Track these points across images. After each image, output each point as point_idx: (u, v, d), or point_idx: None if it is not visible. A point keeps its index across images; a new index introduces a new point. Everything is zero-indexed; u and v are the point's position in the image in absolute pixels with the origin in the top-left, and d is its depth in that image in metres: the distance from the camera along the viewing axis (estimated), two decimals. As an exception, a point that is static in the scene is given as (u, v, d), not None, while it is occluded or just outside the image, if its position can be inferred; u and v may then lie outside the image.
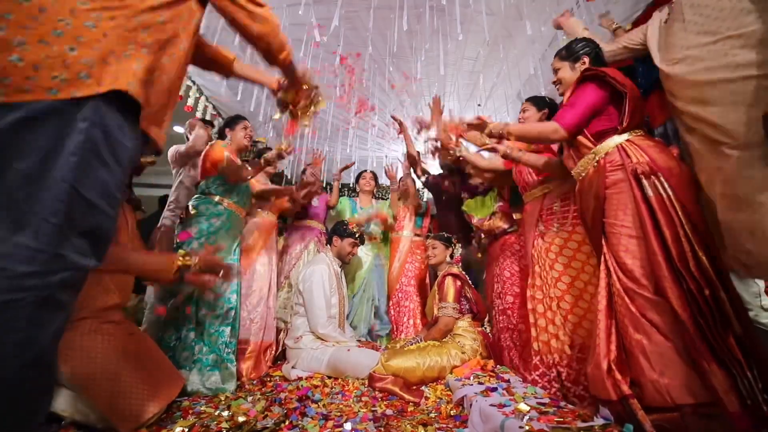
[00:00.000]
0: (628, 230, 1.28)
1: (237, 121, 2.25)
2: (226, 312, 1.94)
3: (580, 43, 1.56)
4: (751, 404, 1.02)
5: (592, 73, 1.42)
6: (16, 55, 0.62)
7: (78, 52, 0.66)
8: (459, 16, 2.61)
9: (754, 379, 1.03)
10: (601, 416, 1.22)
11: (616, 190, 1.34)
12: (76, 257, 0.64)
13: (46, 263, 0.60)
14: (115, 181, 0.71)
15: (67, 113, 0.64)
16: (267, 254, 2.47)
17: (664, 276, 1.17)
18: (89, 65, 0.67)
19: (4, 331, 0.57)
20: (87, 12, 0.69)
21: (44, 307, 0.61)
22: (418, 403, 1.69)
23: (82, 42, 0.67)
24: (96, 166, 0.66)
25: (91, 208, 0.66)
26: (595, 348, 1.29)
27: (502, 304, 2.21)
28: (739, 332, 1.07)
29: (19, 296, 0.58)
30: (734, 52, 1.05)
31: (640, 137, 1.36)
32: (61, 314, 0.64)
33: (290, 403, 1.61)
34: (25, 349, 0.59)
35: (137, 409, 1.31)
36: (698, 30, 1.15)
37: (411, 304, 3.00)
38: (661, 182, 1.24)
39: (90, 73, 0.67)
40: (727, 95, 1.06)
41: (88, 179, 0.65)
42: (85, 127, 0.64)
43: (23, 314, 0.58)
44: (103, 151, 0.67)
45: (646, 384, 1.17)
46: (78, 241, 0.65)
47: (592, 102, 1.39)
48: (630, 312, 1.23)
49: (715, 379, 1.06)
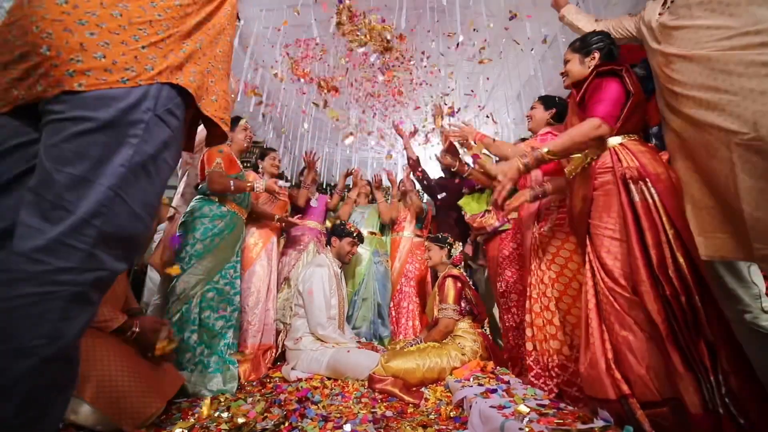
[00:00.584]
0: (611, 232, 1.31)
1: (237, 121, 2.25)
2: (229, 314, 1.95)
3: (594, 36, 1.55)
4: (711, 407, 1.06)
5: (609, 69, 1.40)
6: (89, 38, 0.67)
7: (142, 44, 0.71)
8: (459, 16, 2.61)
9: (717, 384, 1.07)
10: (600, 418, 1.22)
11: (603, 192, 1.36)
12: (110, 260, 0.68)
13: (83, 261, 0.64)
14: (155, 193, 0.76)
15: (121, 123, 0.68)
16: (266, 255, 2.47)
17: (642, 281, 1.20)
18: (152, 59, 0.71)
19: (36, 322, 0.60)
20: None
21: (76, 302, 0.64)
22: (417, 404, 1.69)
23: (144, 35, 0.72)
24: (141, 178, 0.71)
25: (132, 216, 0.71)
26: (589, 347, 1.30)
27: (507, 303, 2.22)
28: (710, 339, 1.10)
29: (55, 289, 0.61)
30: (754, 47, 1.01)
31: (634, 141, 1.36)
32: (89, 311, 0.67)
33: (290, 405, 1.61)
34: (52, 341, 0.61)
35: (138, 407, 1.31)
36: (710, 24, 1.11)
37: (410, 305, 3.00)
38: (648, 188, 1.25)
39: (153, 65, 0.71)
40: (749, 84, 1.02)
41: (132, 189, 0.70)
42: (136, 142, 0.69)
43: (56, 306, 0.61)
44: (149, 166, 0.72)
45: (635, 380, 1.18)
46: (114, 245, 0.69)
47: (617, 96, 1.36)
48: (615, 310, 1.25)
49: (681, 381, 1.10)
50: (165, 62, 0.74)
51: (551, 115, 2.03)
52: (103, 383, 1.28)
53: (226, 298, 1.96)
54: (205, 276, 1.92)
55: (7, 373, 0.57)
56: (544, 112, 2.05)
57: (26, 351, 0.59)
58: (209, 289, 1.93)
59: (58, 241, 0.62)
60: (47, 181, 0.63)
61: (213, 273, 1.95)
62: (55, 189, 0.63)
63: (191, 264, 1.90)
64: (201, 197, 2.11)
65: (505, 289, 2.24)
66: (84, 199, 0.64)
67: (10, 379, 0.57)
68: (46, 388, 0.62)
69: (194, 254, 1.92)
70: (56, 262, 0.62)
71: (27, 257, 0.60)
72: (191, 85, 0.78)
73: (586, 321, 1.34)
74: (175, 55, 0.77)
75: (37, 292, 0.60)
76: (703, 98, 1.12)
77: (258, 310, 2.30)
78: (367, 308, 2.93)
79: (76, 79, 0.66)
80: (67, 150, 0.65)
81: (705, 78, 1.11)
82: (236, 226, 2.12)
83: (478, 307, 2.36)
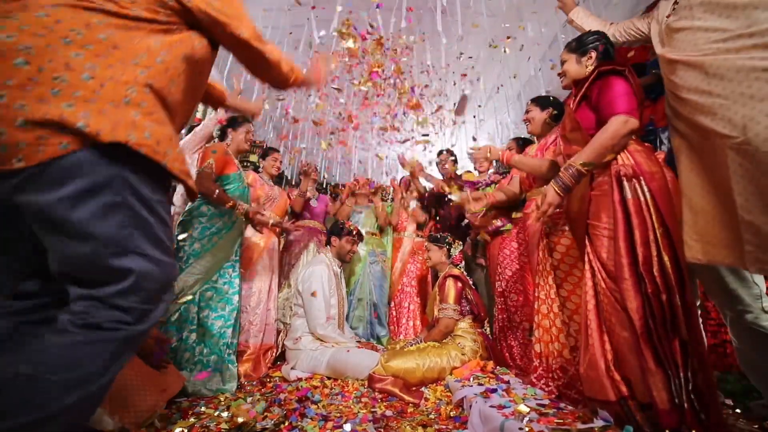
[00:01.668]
0: (609, 232, 1.31)
1: (242, 123, 2.24)
2: (228, 313, 1.94)
3: (590, 36, 1.54)
4: (678, 402, 1.11)
5: (611, 69, 1.39)
6: (21, 119, 0.62)
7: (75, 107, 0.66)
8: (460, 17, 2.61)
9: (686, 380, 1.11)
10: (600, 418, 1.22)
11: (599, 192, 1.36)
12: (155, 306, 0.74)
13: (137, 314, 0.71)
14: (162, 231, 0.77)
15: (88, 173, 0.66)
16: (268, 255, 2.46)
17: (625, 278, 1.21)
18: (86, 117, 0.66)
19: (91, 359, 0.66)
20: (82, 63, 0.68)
21: (126, 345, 0.71)
22: (417, 404, 1.69)
23: (78, 97, 0.66)
24: (139, 221, 0.72)
25: (154, 262, 0.73)
26: (588, 348, 1.30)
27: (505, 303, 2.21)
28: (685, 337, 1.13)
29: (113, 335, 0.68)
30: (747, 50, 1.02)
31: (631, 141, 1.35)
32: (129, 355, 0.74)
33: (290, 404, 1.60)
34: (94, 378, 0.66)
35: (139, 405, 1.31)
36: (708, 27, 1.12)
37: (411, 305, 3.00)
38: (641, 185, 1.26)
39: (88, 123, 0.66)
40: (738, 88, 1.03)
41: (144, 241, 0.72)
42: (112, 191, 0.69)
43: (110, 348, 0.68)
44: (136, 208, 0.72)
45: (636, 381, 1.18)
46: (155, 293, 0.73)
47: (629, 91, 1.35)
48: (617, 311, 1.25)
49: (651, 378, 1.14)
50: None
51: (549, 114, 2.02)
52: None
53: (224, 298, 1.95)
54: (203, 275, 1.91)
55: (58, 401, 0.62)
56: (542, 112, 2.04)
57: (78, 383, 0.64)
58: (208, 288, 1.92)
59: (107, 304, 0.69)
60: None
61: (211, 272, 1.94)
62: (79, 262, 0.70)
63: (189, 263, 1.89)
64: (199, 197, 2.10)
65: (504, 288, 2.24)
66: (104, 267, 0.69)
67: (59, 408, 0.62)
68: (75, 424, 0.66)
69: (192, 253, 1.91)
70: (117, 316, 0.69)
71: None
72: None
73: (585, 322, 1.33)
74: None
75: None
76: (698, 102, 1.13)
77: (259, 310, 2.30)
78: (362, 309, 2.93)
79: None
80: (61, 222, 0.69)
81: (700, 82, 1.12)
82: (235, 226, 2.11)
83: (478, 307, 2.36)
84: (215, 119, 2.32)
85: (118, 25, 0.73)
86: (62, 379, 0.62)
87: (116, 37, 0.72)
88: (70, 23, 0.68)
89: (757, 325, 1.23)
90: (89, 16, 0.70)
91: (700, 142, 1.17)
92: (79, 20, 0.69)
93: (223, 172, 2.08)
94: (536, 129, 2.08)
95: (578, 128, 1.44)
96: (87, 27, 0.70)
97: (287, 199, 2.83)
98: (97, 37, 0.70)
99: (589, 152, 1.34)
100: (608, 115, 1.33)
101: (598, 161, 1.34)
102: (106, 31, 0.72)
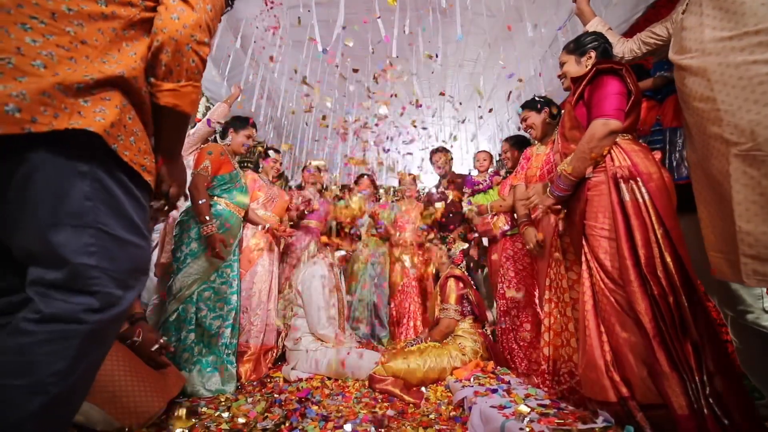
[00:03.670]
0: (607, 232, 1.30)
1: (245, 126, 2.22)
2: (226, 313, 1.94)
3: (588, 36, 1.54)
4: (696, 408, 1.07)
5: (608, 67, 1.38)
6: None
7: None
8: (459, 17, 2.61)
9: (702, 384, 1.08)
10: (601, 418, 1.21)
11: (596, 192, 1.35)
12: (123, 293, 0.69)
13: (102, 300, 0.65)
14: (138, 215, 0.72)
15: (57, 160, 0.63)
16: (268, 256, 2.46)
17: (630, 280, 1.20)
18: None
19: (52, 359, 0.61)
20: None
21: (93, 339, 0.66)
22: (418, 404, 1.68)
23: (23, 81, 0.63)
24: (113, 203, 0.68)
25: (122, 244, 0.69)
26: (587, 348, 1.29)
27: (506, 305, 2.21)
28: (696, 339, 1.11)
29: (75, 327, 0.62)
30: (752, 48, 1.01)
31: (627, 141, 1.35)
32: (105, 348, 0.71)
33: (290, 405, 1.60)
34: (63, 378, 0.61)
35: (140, 406, 1.31)
36: (715, 25, 1.11)
37: (412, 305, 3.00)
38: (639, 187, 1.25)
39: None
40: (743, 94, 1.02)
41: (111, 218, 0.67)
42: (85, 170, 0.65)
43: (73, 344, 0.62)
44: (105, 182, 0.67)
45: (637, 382, 1.17)
46: (122, 276, 0.69)
47: (619, 91, 1.34)
48: (616, 311, 1.24)
49: (667, 382, 1.11)
50: None
51: (547, 114, 2.02)
52: (104, 382, 1.28)
53: (222, 298, 1.95)
54: (201, 275, 1.90)
55: (20, 408, 0.57)
56: (539, 115, 2.02)
57: (40, 387, 0.59)
58: (206, 288, 1.92)
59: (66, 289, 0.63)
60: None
61: (209, 272, 1.94)
62: (40, 240, 0.64)
63: (187, 263, 1.89)
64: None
65: (507, 290, 2.23)
66: (67, 243, 0.63)
67: (22, 416, 0.58)
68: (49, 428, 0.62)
69: (189, 253, 1.90)
70: (73, 307, 0.63)
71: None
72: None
73: (584, 323, 1.33)
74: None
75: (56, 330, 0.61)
76: (704, 109, 1.12)
77: (260, 310, 2.30)
78: (363, 309, 2.93)
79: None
80: (25, 195, 0.64)
81: (704, 89, 1.12)
82: (233, 225, 2.11)
83: (479, 308, 2.36)
84: (225, 111, 2.30)
85: (91, 15, 0.69)
86: (23, 385, 0.58)
87: (86, 31, 0.68)
88: (32, 9, 0.64)
89: (758, 324, 1.24)
90: (56, 5, 0.66)
91: (704, 148, 1.15)
92: (44, 9, 0.65)
93: (218, 172, 2.06)
94: (540, 133, 2.06)
95: (578, 126, 1.44)
96: (52, 17, 0.65)
97: (287, 199, 2.83)
98: (65, 29, 0.66)
99: (572, 158, 1.39)
100: (595, 115, 1.35)
101: (583, 165, 1.37)
102: (75, 22, 0.67)
